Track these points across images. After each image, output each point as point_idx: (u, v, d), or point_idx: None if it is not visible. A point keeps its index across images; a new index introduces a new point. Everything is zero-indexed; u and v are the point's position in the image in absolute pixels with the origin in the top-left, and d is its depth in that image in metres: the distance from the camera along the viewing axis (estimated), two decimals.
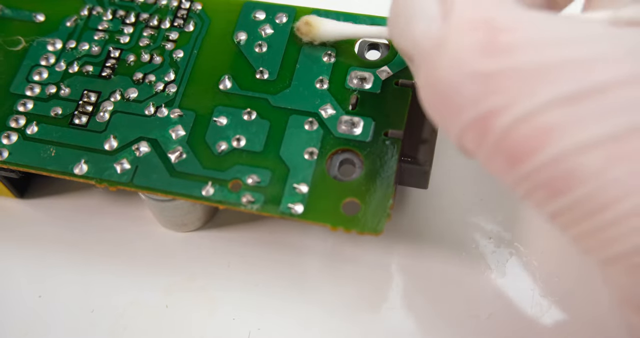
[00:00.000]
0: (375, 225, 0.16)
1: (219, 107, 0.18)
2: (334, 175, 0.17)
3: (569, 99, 0.11)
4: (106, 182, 0.17)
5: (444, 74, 0.12)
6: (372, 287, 0.19)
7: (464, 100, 0.12)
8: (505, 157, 0.12)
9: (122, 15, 0.19)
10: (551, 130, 0.11)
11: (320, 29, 0.17)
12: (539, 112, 0.11)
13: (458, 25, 0.12)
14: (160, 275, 0.19)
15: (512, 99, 0.11)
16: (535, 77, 0.11)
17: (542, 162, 0.11)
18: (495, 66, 0.11)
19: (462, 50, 0.12)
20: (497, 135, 0.11)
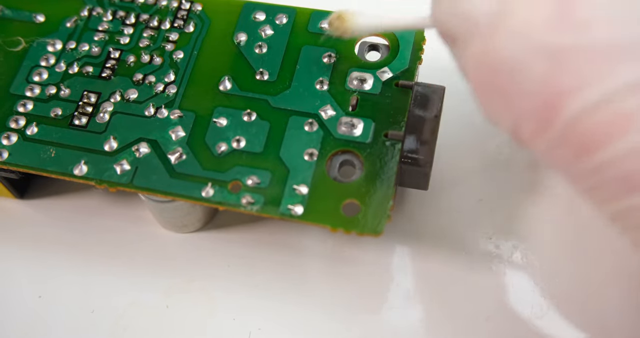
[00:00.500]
0: (375, 227, 0.16)
1: (219, 108, 0.18)
2: (334, 177, 0.17)
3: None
4: (106, 183, 0.17)
5: (506, 48, 0.11)
6: (372, 287, 0.19)
7: (529, 80, 0.10)
8: (573, 147, 0.10)
9: (122, 16, 0.19)
10: (630, 117, 0.10)
11: (354, 22, 0.16)
12: (617, 96, 0.10)
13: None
14: (160, 276, 0.19)
15: (587, 80, 0.10)
16: (614, 57, 0.10)
17: (618, 154, 0.10)
18: (569, 42, 0.10)
19: (531, 22, 0.10)
20: (566, 121, 0.10)
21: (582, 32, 0.10)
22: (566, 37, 0.10)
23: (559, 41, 0.10)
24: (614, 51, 0.10)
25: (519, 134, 0.11)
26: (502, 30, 0.11)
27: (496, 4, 0.11)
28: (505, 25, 0.11)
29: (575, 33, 0.10)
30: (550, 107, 0.10)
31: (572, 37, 0.10)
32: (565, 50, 0.10)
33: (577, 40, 0.10)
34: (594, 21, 0.10)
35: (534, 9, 0.10)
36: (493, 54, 0.11)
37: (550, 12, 0.10)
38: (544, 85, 0.10)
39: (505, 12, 0.11)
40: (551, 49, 0.10)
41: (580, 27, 0.10)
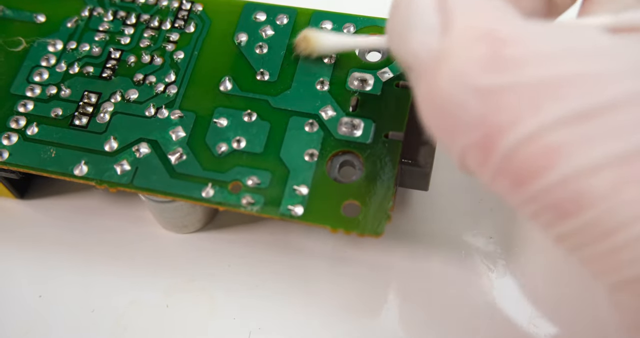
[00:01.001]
0: (375, 227, 0.16)
1: (220, 109, 0.18)
2: (334, 177, 0.17)
3: (578, 117, 0.10)
4: (106, 183, 0.17)
5: (446, 89, 0.11)
6: (372, 288, 0.19)
7: (468, 117, 0.11)
8: (510, 178, 0.11)
9: (122, 16, 0.19)
10: (559, 150, 0.10)
11: (318, 43, 0.17)
12: (546, 130, 0.10)
13: (460, 37, 0.11)
14: (161, 276, 0.19)
15: (518, 116, 0.11)
16: (542, 93, 0.11)
17: (550, 183, 0.11)
18: (501, 81, 0.11)
19: (466, 64, 0.11)
20: (502, 155, 0.11)
21: (512, 72, 0.11)
22: (498, 77, 0.11)
23: (491, 81, 0.11)
24: (541, 89, 0.11)
25: (465, 165, 0.12)
26: (441, 71, 0.11)
27: (436, 45, 0.12)
28: (444, 65, 0.11)
29: (506, 73, 0.11)
30: (487, 142, 0.11)
31: (503, 76, 0.11)
32: (497, 90, 0.11)
33: (507, 80, 0.11)
34: (523, 61, 0.11)
35: (469, 50, 0.11)
36: (436, 93, 0.12)
37: (483, 53, 0.11)
38: (480, 123, 0.11)
39: (444, 53, 0.12)
40: (484, 88, 0.11)
41: (510, 66, 0.11)
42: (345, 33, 0.18)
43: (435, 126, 0.12)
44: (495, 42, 0.11)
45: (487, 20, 0.12)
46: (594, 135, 0.10)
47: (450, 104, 0.11)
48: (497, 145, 0.11)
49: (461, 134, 0.11)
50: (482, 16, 0.12)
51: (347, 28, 0.18)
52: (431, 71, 0.12)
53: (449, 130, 0.12)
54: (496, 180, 0.11)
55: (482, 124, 0.11)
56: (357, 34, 0.18)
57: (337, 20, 0.19)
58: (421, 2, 0.12)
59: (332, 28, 0.19)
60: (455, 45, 0.11)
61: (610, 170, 0.10)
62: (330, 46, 0.17)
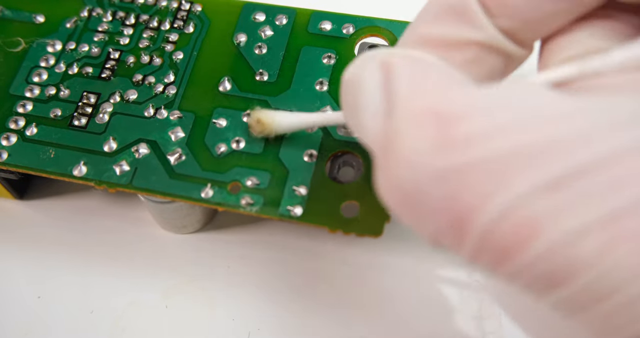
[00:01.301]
0: (374, 228, 0.16)
1: (219, 109, 0.18)
2: (334, 178, 0.17)
3: (549, 186, 0.10)
4: (105, 184, 0.17)
5: (402, 176, 0.11)
6: (371, 288, 0.19)
7: (431, 202, 0.11)
8: (491, 255, 0.10)
9: (122, 17, 0.19)
10: (537, 223, 0.10)
11: (273, 124, 0.16)
12: (519, 204, 0.10)
13: (403, 120, 0.11)
14: (160, 277, 0.19)
15: (486, 194, 0.10)
16: (507, 166, 0.10)
17: (534, 256, 0.10)
18: (458, 161, 0.10)
19: (414, 149, 0.11)
20: (477, 235, 0.10)
21: (467, 149, 0.10)
22: (452, 156, 0.10)
23: (446, 162, 0.10)
24: (504, 162, 0.10)
25: (441, 246, 0.11)
26: (392, 157, 0.11)
27: (381, 129, 0.11)
28: (393, 152, 0.11)
29: (461, 151, 0.10)
30: (459, 225, 0.10)
31: (458, 155, 0.10)
32: (455, 170, 0.10)
33: (465, 158, 0.10)
34: (475, 135, 0.10)
35: (415, 133, 0.11)
36: (392, 180, 0.11)
37: (430, 135, 0.10)
38: (447, 207, 0.10)
39: (391, 138, 0.11)
40: (441, 170, 0.10)
41: (464, 144, 0.10)
42: (299, 112, 0.17)
43: (401, 213, 0.11)
44: (443, 121, 0.10)
45: (431, 96, 0.11)
46: (569, 202, 0.10)
47: (409, 191, 0.11)
48: (470, 226, 0.10)
49: (429, 220, 0.11)
50: (425, 91, 0.11)
51: (346, 28, 0.18)
52: (382, 157, 0.11)
53: (415, 217, 0.11)
54: (477, 259, 0.11)
55: (448, 208, 0.10)
56: (313, 113, 0.17)
57: (336, 20, 0.19)
58: (367, 81, 0.12)
59: (332, 28, 0.19)
60: (400, 129, 0.11)
61: (594, 234, 0.10)
62: (287, 125, 0.16)
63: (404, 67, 0.12)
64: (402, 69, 0.12)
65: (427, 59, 0.12)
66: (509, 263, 0.10)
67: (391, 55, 0.12)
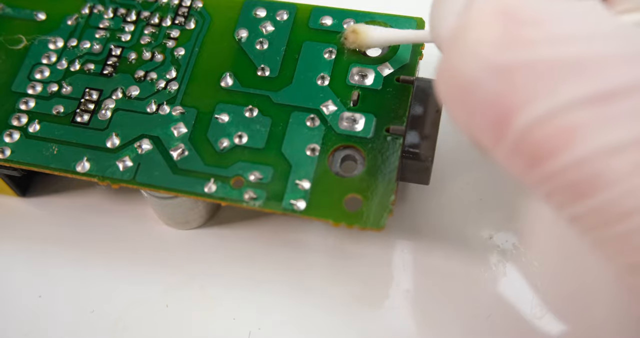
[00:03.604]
0: (377, 221, 0.16)
1: (221, 104, 0.18)
2: (336, 172, 0.17)
3: (595, 98, 0.10)
4: (108, 180, 0.17)
5: (461, 66, 0.11)
6: (373, 284, 0.19)
7: (482, 95, 0.11)
8: (525, 157, 0.11)
9: (123, 13, 0.19)
10: (575, 131, 0.10)
11: (368, 36, 0.17)
12: (562, 110, 0.10)
13: (477, 15, 0.11)
14: (161, 274, 0.19)
15: (533, 95, 0.10)
16: (559, 74, 0.10)
17: (565, 164, 0.10)
18: (516, 60, 0.11)
19: (480, 42, 0.11)
20: (517, 134, 0.11)
21: (528, 50, 0.11)
22: (513, 55, 0.11)
23: (505, 59, 0.11)
24: (556, 69, 0.10)
25: (479, 143, 0.12)
26: (457, 47, 0.11)
27: (454, 22, 0.12)
28: (460, 42, 0.11)
29: (521, 51, 0.11)
30: (501, 121, 0.11)
31: (518, 54, 0.11)
32: (511, 68, 0.11)
33: (523, 58, 0.11)
34: (539, 40, 0.11)
35: (484, 28, 0.11)
36: (451, 70, 0.12)
37: (497, 31, 0.11)
38: (495, 101, 0.11)
39: (460, 31, 0.11)
40: (499, 66, 0.11)
41: (526, 45, 0.11)
42: (391, 28, 0.18)
43: (451, 105, 0.12)
44: (512, 21, 0.11)
45: None
46: (612, 117, 0.10)
47: (465, 82, 0.11)
48: (511, 124, 0.11)
49: (476, 112, 0.11)
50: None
51: (347, 23, 0.19)
52: (448, 48, 0.12)
53: (464, 108, 0.12)
54: (510, 159, 0.11)
55: (496, 102, 0.11)
56: (404, 29, 0.18)
57: (336, 15, 0.19)
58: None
59: (333, 23, 0.19)
60: (472, 23, 0.11)
61: (629, 153, 0.10)
62: (379, 39, 0.17)
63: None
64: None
65: None
66: (539, 167, 0.11)
67: None
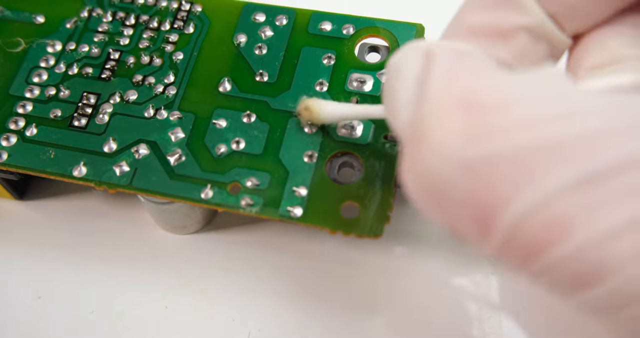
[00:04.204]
0: (374, 229, 0.16)
1: (219, 110, 0.18)
2: (334, 178, 0.17)
3: (583, 182, 0.09)
4: (105, 185, 0.17)
5: (427, 168, 0.10)
6: (370, 289, 0.19)
7: (457, 194, 0.10)
8: (517, 253, 0.10)
9: (122, 17, 0.19)
10: (569, 220, 0.09)
11: (320, 112, 0.16)
12: (551, 200, 0.09)
13: (435, 106, 0.11)
14: (160, 277, 0.19)
15: (516, 188, 0.10)
16: (539, 160, 0.09)
17: (564, 255, 0.10)
18: (488, 151, 0.10)
19: (443, 137, 0.10)
20: (504, 231, 0.10)
21: (498, 139, 0.10)
22: (482, 147, 0.10)
23: (476, 152, 0.10)
24: (535, 155, 0.10)
25: (465, 240, 0.11)
26: (421, 145, 0.11)
27: (411, 117, 0.11)
28: (421, 139, 0.10)
29: (491, 141, 0.10)
30: (485, 220, 0.10)
31: (489, 146, 0.10)
32: (483, 161, 0.10)
33: (495, 149, 0.10)
34: (508, 125, 0.10)
35: (446, 121, 0.10)
36: (417, 169, 0.11)
37: (460, 122, 0.10)
38: (473, 199, 0.10)
39: (419, 125, 0.11)
40: (470, 161, 0.10)
41: (495, 134, 0.10)
42: (346, 103, 0.17)
43: (423, 203, 0.11)
44: (474, 109, 0.10)
45: (463, 83, 0.11)
46: (604, 199, 0.09)
47: (435, 180, 0.10)
48: (497, 221, 0.10)
49: (453, 212, 0.10)
50: (457, 78, 0.11)
51: (347, 29, 0.18)
52: (411, 145, 0.11)
53: (439, 208, 0.11)
54: (501, 255, 0.10)
55: (475, 201, 0.10)
56: (359, 104, 0.17)
57: (336, 21, 0.19)
58: (406, 69, 0.12)
59: (332, 29, 0.19)
60: (430, 117, 0.11)
61: (628, 235, 0.09)
62: (333, 115, 0.16)
63: (443, 57, 0.11)
64: (441, 58, 0.11)
65: (469, 50, 0.12)
66: (536, 261, 0.10)
67: (434, 46, 0.12)
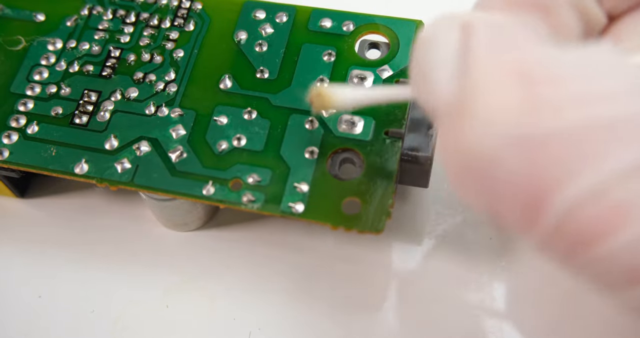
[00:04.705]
0: (375, 224, 0.16)
1: (220, 107, 0.18)
2: (335, 174, 0.17)
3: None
4: (107, 182, 0.17)
5: (475, 141, 0.09)
6: (372, 286, 0.19)
7: (506, 175, 0.09)
8: (567, 242, 0.09)
9: (122, 15, 0.19)
10: (627, 208, 0.09)
11: (334, 99, 0.14)
12: (609, 186, 0.09)
13: (487, 77, 0.10)
14: (161, 275, 0.19)
15: (571, 170, 0.09)
16: (598, 140, 0.09)
17: (618, 248, 0.09)
18: (543, 129, 0.09)
19: (496, 111, 0.09)
20: (556, 218, 0.09)
21: (554, 116, 0.09)
22: (537, 123, 0.09)
23: (530, 129, 0.09)
24: (592, 136, 0.09)
25: (509, 227, 0.10)
26: (468, 119, 0.10)
27: (457, 88, 0.10)
28: (469, 112, 0.10)
29: (547, 117, 0.09)
30: (535, 205, 0.09)
31: (544, 122, 0.09)
32: (539, 139, 0.09)
33: (550, 126, 0.09)
34: (564, 101, 0.09)
35: (495, 93, 0.09)
36: (462, 147, 0.10)
37: (514, 96, 0.09)
38: (524, 181, 0.09)
39: (467, 98, 0.10)
40: (523, 138, 0.09)
41: (552, 111, 0.09)
42: (362, 88, 0.16)
43: (465, 186, 0.10)
44: (528, 82, 0.09)
45: (515, 52, 0.10)
46: None
47: (481, 159, 0.09)
48: (548, 208, 0.09)
49: (500, 196, 0.10)
50: (508, 46, 0.10)
51: (347, 25, 0.19)
52: (455, 120, 0.10)
53: (484, 191, 0.10)
54: (548, 245, 0.10)
55: (526, 183, 0.09)
56: (376, 86, 0.16)
57: (336, 17, 0.19)
58: (444, 39, 0.11)
59: (332, 25, 0.19)
60: (480, 88, 0.10)
61: None
62: (348, 101, 0.15)
63: (485, 28, 0.10)
64: (483, 30, 0.10)
65: (509, 22, 0.11)
66: (587, 252, 0.09)
67: (472, 17, 0.11)
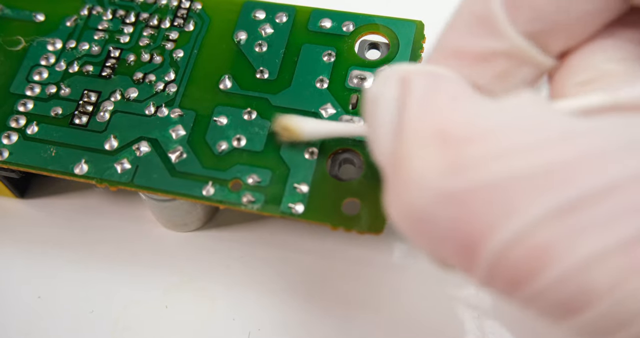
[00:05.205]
0: (375, 225, 0.16)
1: (219, 107, 0.18)
2: (335, 175, 0.17)
3: (563, 210, 0.09)
4: (107, 182, 0.17)
5: (410, 200, 0.10)
6: (372, 286, 0.19)
7: (441, 227, 0.10)
8: (503, 282, 0.10)
9: (122, 15, 0.19)
10: (551, 248, 0.09)
11: (300, 132, 0.16)
12: (532, 229, 0.09)
13: (410, 140, 0.11)
14: (160, 275, 0.19)
15: (496, 218, 0.10)
16: (518, 189, 0.10)
17: (547, 284, 0.10)
18: (466, 184, 0.10)
19: (421, 170, 0.10)
20: (488, 262, 0.10)
21: (477, 171, 0.10)
22: (462, 179, 0.10)
23: (456, 184, 0.10)
24: (516, 185, 0.10)
25: (451, 269, 0.11)
26: (401, 177, 0.11)
27: (390, 148, 0.11)
28: (402, 172, 0.11)
29: (470, 173, 0.10)
30: (469, 250, 0.10)
31: (468, 177, 0.10)
32: (463, 193, 0.10)
33: (474, 181, 0.10)
34: (485, 157, 0.10)
35: (424, 154, 0.10)
36: (400, 201, 0.11)
37: (440, 155, 0.10)
38: (454, 232, 0.10)
39: (399, 158, 0.11)
40: (449, 194, 0.10)
41: (473, 165, 0.10)
42: (327, 121, 0.17)
43: (411, 236, 0.11)
44: (449, 141, 0.10)
45: (439, 113, 0.11)
46: (585, 227, 0.09)
47: (418, 215, 0.10)
48: (480, 252, 0.10)
49: (438, 244, 0.11)
50: (433, 108, 0.11)
51: (346, 26, 0.18)
52: (392, 178, 0.11)
53: (425, 241, 0.11)
54: (488, 284, 0.10)
55: (457, 233, 0.10)
56: (337, 121, 0.17)
57: (335, 18, 0.19)
58: (384, 96, 0.12)
59: (332, 26, 0.19)
60: (408, 149, 0.11)
61: (609, 261, 0.09)
62: (312, 133, 0.16)
63: (419, 84, 0.11)
64: (417, 85, 0.11)
65: (445, 74, 0.12)
66: (522, 290, 0.10)
67: (409, 71, 0.12)
